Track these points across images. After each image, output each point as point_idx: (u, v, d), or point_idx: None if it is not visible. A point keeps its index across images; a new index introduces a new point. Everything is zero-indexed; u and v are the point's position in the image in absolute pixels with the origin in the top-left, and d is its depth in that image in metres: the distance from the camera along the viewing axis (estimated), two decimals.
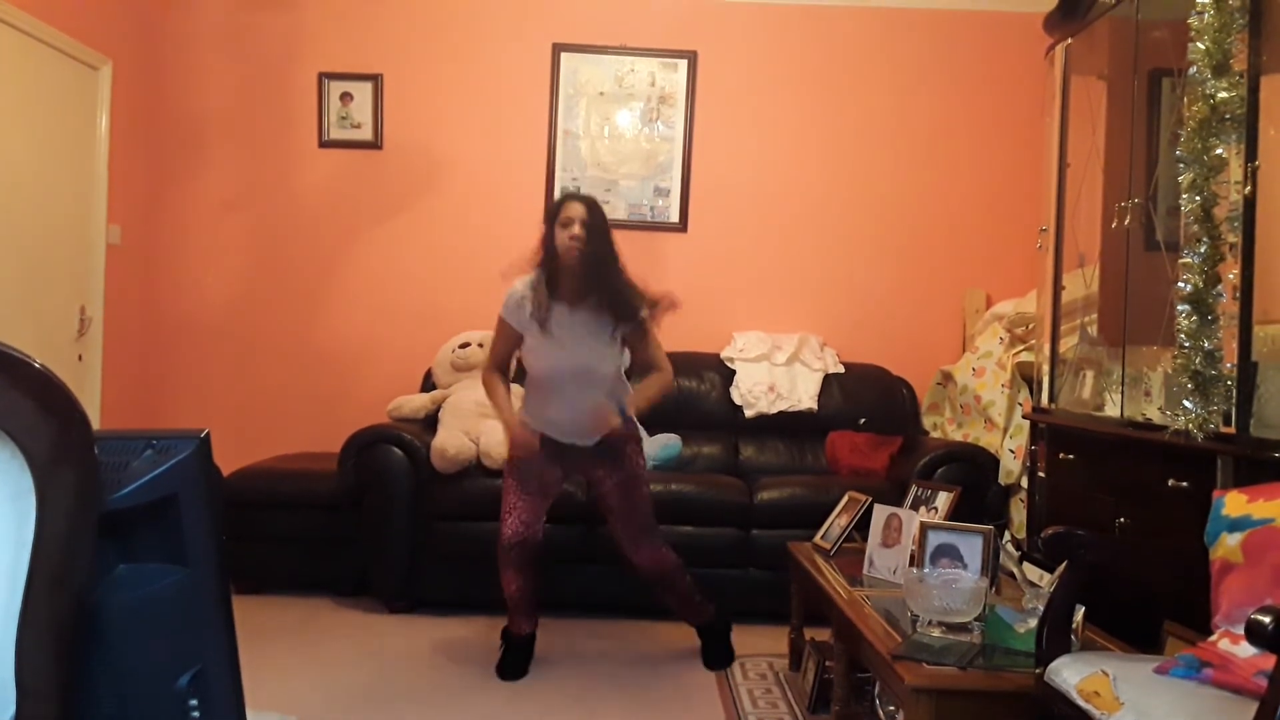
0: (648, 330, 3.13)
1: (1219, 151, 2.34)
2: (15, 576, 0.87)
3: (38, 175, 3.93)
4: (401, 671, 3.22)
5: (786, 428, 4.46)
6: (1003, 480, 3.98)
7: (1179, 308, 2.39)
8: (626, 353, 3.21)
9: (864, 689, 2.69)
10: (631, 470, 3.18)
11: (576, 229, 2.97)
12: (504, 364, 3.21)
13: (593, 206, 3.04)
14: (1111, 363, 3.00)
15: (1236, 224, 2.30)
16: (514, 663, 3.22)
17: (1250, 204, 2.28)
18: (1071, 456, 3.15)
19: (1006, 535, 2.72)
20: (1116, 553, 2.33)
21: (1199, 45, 2.36)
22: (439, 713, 2.89)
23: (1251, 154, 2.28)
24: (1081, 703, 1.76)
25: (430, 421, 4.14)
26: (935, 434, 4.50)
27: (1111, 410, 2.95)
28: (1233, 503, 1.92)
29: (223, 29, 4.81)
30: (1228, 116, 2.32)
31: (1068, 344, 3.35)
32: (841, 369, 4.59)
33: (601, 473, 3.18)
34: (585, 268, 3.00)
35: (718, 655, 3.36)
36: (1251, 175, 2.27)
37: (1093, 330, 3.21)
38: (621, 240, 3.17)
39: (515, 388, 3.33)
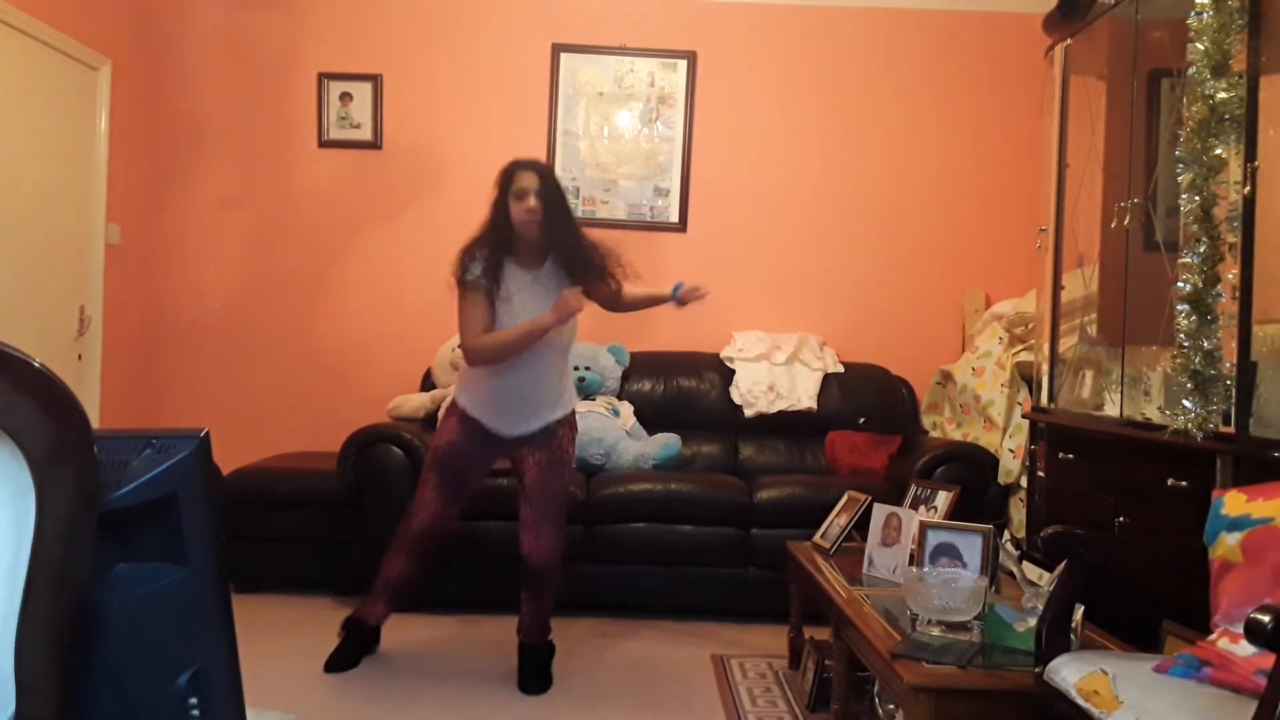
0: (609, 275, 3.04)
1: (1218, 152, 2.34)
2: (15, 575, 0.87)
3: (37, 175, 3.93)
4: (401, 670, 3.22)
5: (786, 427, 4.46)
6: (1002, 480, 3.98)
7: (1178, 307, 2.39)
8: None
9: (863, 688, 2.69)
10: (558, 452, 3.11)
11: (532, 201, 2.91)
12: (489, 329, 2.99)
13: (545, 174, 2.98)
14: (1111, 362, 3.00)
15: (1236, 224, 2.30)
16: (352, 653, 3.18)
17: (1249, 204, 2.28)
18: (1071, 456, 3.15)
19: (1006, 534, 2.72)
20: (1116, 552, 2.33)
21: (1198, 45, 2.37)
22: (438, 711, 2.89)
23: (1251, 154, 2.28)
24: (1081, 701, 1.76)
25: (430, 421, 4.14)
26: (935, 433, 4.50)
27: (1111, 410, 2.95)
28: (1232, 502, 1.93)
29: (222, 29, 4.81)
30: (1227, 117, 2.32)
31: (1067, 344, 3.35)
32: (841, 368, 4.59)
33: (526, 450, 3.11)
34: (543, 237, 2.96)
35: (540, 678, 3.10)
36: (1251, 175, 2.28)
37: (1092, 330, 3.21)
38: (621, 240, 3.17)
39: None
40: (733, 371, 4.55)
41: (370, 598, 3.24)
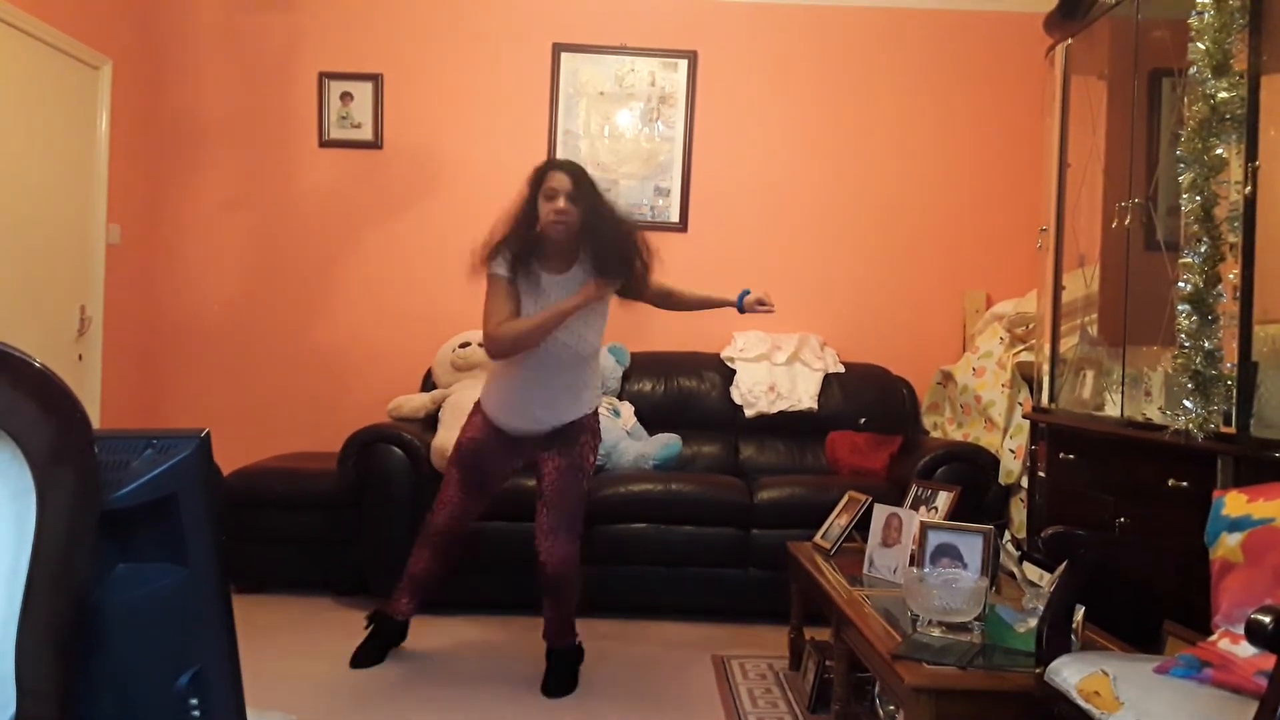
0: (648, 270, 3.00)
1: (1219, 151, 2.34)
2: (15, 576, 0.87)
3: (38, 175, 3.93)
4: (401, 671, 3.22)
5: (786, 427, 4.46)
6: (1003, 480, 3.98)
7: (1179, 307, 2.39)
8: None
9: (864, 689, 2.69)
10: (577, 459, 3.08)
11: (561, 202, 2.87)
12: (514, 316, 2.97)
13: (578, 176, 2.93)
14: (1112, 362, 3.00)
15: (1237, 224, 2.30)
16: (378, 648, 3.22)
17: (1250, 204, 2.28)
18: (1072, 456, 3.15)
19: (1006, 535, 2.72)
20: (1117, 553, 2.33)
21: (1199, 45, 2.36)
22: (438, 712, 2.89)
23: (1251, 154, 2.28)
24: (1082, 703, 1.76)
25: (430, 421, 4.14)
26: (935, 434, 4.50)
27: (1112, 410, 2.95)
28: (1233, 503, 1.93)
29: (223, 29, 4.81)
30: (1228, 116, 2.32)
31: (1068, 344, 3.35)
32: (841, 369, 4.59)
33: (547, 455, 3.08)
34: (573, 240, 2.92)
35: (562, 682, 3.09)
36: (1251, 175, 2.27)
37: (1093, 330, 3.21)
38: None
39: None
40: (733, 371, 4.54)
41: (395, 593, 3.27)
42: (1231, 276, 2.31)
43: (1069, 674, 1.84)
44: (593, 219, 2.92)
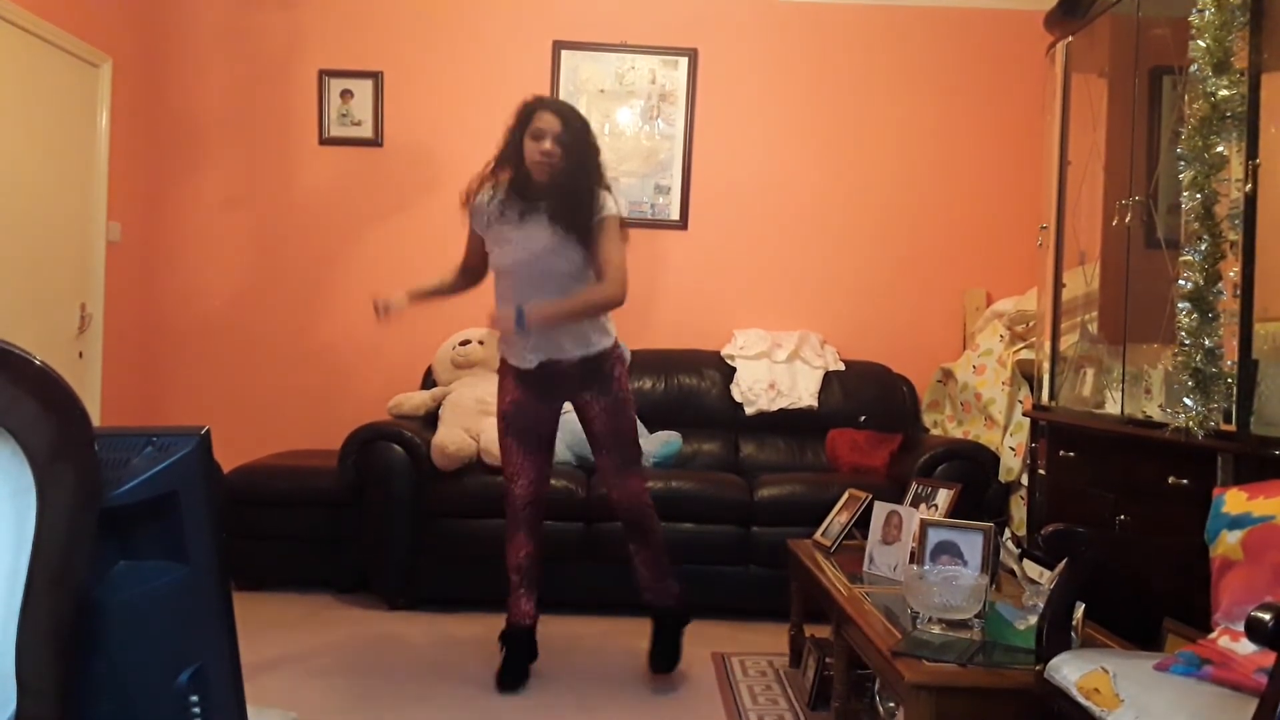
0: (603, 230, 2.89)
1: (1220, 149, 2.33)
2: (15, 573, 0.87)
3: (38, 172, 3.93)
4: (402, 668, 3.22)
5: (787, 425, 4.46)
6: (1003, 478, 3.98)
7: (1179, 305, 2.39)
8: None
9: (864, 686, 2.69)
10: (616, 394, 3.05)
11: (548, 144, 2.82)
12: (466, 262, 3.17)
13: (568, 118, 2.87)
14: (1112, 360, 3.00)
15: (1237, 221, 2.29)
16: (516, 666, 3.07)
17: (1251, 201, 2.27)
18: (1072, 454, 3.15)
19: (1007, 532, 2.72)
20: (1117, 550, 2.33)
21: (1200, 43, 2.36)
22: (439, 710, 2.89)
23: (1252, 151, 2.28)
24: (1081, 700, 1.76)
25: (431, 419, 4.14)
26: (935, 431, 4.50)
27: (1112, 408, 2.95)
28: (1233, 500, 1.92)
29: (223, 26, 4.81)
30: (1228, 114, 2.32)
31: (1068, 341, 3.35)
32: (842, 366, 4.59)
33: (588, 396, 3.04)
34: (553, 183, 2.87)
35: (667, 652, 3.16)
36: (1252, 173, 2.27)
37: (1093, 328, 3.21)
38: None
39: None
40: (733, 369, 4.54)
41: (511, 598, 3.11)
42: (1232, 274, 2.31)
43: (1069, 671, 1.84)
44: (576, 169, 2.87)
